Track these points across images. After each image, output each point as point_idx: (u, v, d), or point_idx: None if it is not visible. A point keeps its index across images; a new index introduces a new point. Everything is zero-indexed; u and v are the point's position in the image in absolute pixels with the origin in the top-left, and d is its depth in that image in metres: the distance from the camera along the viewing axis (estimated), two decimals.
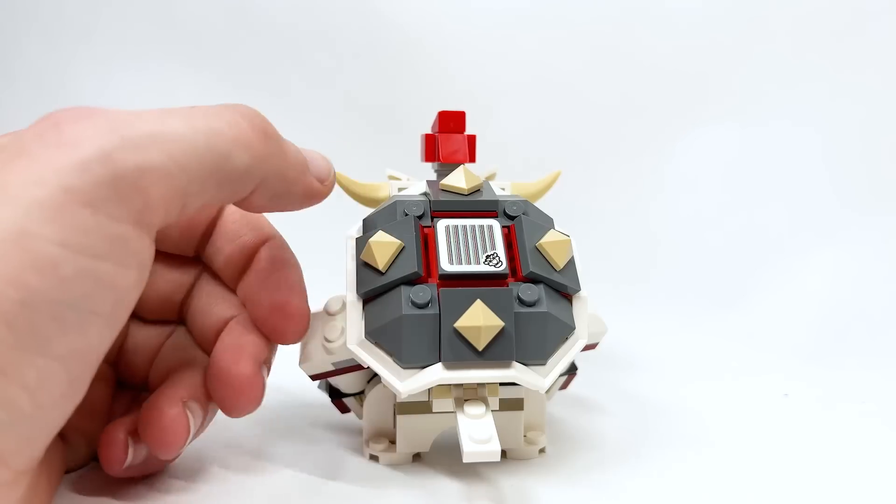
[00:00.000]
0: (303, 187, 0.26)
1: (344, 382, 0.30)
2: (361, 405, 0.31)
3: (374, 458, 0.30)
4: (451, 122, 0.33)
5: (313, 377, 0.30)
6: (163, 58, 0.71)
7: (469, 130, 0.33)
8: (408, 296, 0.25)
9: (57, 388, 0.19)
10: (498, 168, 0.37)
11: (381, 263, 0.26)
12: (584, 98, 0.66)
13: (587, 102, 0.66)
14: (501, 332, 0.25)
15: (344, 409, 0.32)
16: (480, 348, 0.25)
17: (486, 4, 0.67)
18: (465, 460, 0.24)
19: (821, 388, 0.41)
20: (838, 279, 0.54)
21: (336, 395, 0.31)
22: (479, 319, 0.25)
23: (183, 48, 0.71)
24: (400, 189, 0.33)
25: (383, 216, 0.29)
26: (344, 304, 0.28)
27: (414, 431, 0.29)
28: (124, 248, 0.20)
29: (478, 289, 0.26)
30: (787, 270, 0.56)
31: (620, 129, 0.65)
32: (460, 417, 0.25)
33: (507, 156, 0.64)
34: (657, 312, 0.57)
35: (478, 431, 0.25)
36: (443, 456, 0.30)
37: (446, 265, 0.26)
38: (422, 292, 0.25)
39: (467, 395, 0.26)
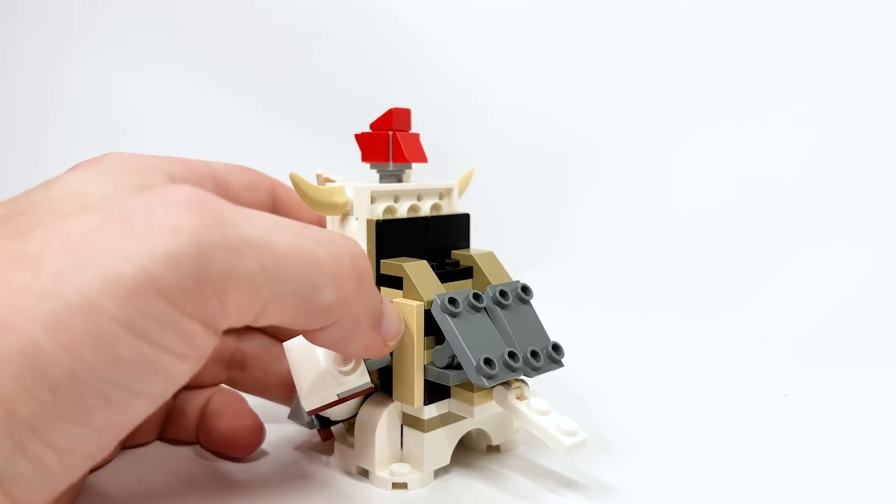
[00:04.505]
0: (368, 341, 0.25)
1: (337, 410, 0.29)
2: (350, 432, 0.30)
3: (399, 485, 0.28)
4: (403, 119, 0.31)
5: (312, 412, 0.28)
6: (162, 57, 0.71)
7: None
8: None
9: (86, 451, 0.19)
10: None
11: None
12: (581, 96, 0.66)
13: (585, 100, 0.66)
14: None
15: (328, 437, 0.31)
16: None
17: (485, 3, 0.67)
18: (564, 455, 0.26)
19: (822, 388, 0.41)
20: (840, 278, 0.54)
21: (326, 424, 0.30)
22: None
23: (183, 48, 0.71)
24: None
25: None
26: None
27: (438, 446, 0.29)
28: (188, 344, 0.19)
29: None
30: (788, 270, 0.56)
31: (619, 128, 0.65)
32: (537, 417, 0.27)
33: (503, 153, 0.64)
34: (657, 312, 0.57)
35: (566, 424, 0.26)
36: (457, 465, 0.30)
37: None
38: None
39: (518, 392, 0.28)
